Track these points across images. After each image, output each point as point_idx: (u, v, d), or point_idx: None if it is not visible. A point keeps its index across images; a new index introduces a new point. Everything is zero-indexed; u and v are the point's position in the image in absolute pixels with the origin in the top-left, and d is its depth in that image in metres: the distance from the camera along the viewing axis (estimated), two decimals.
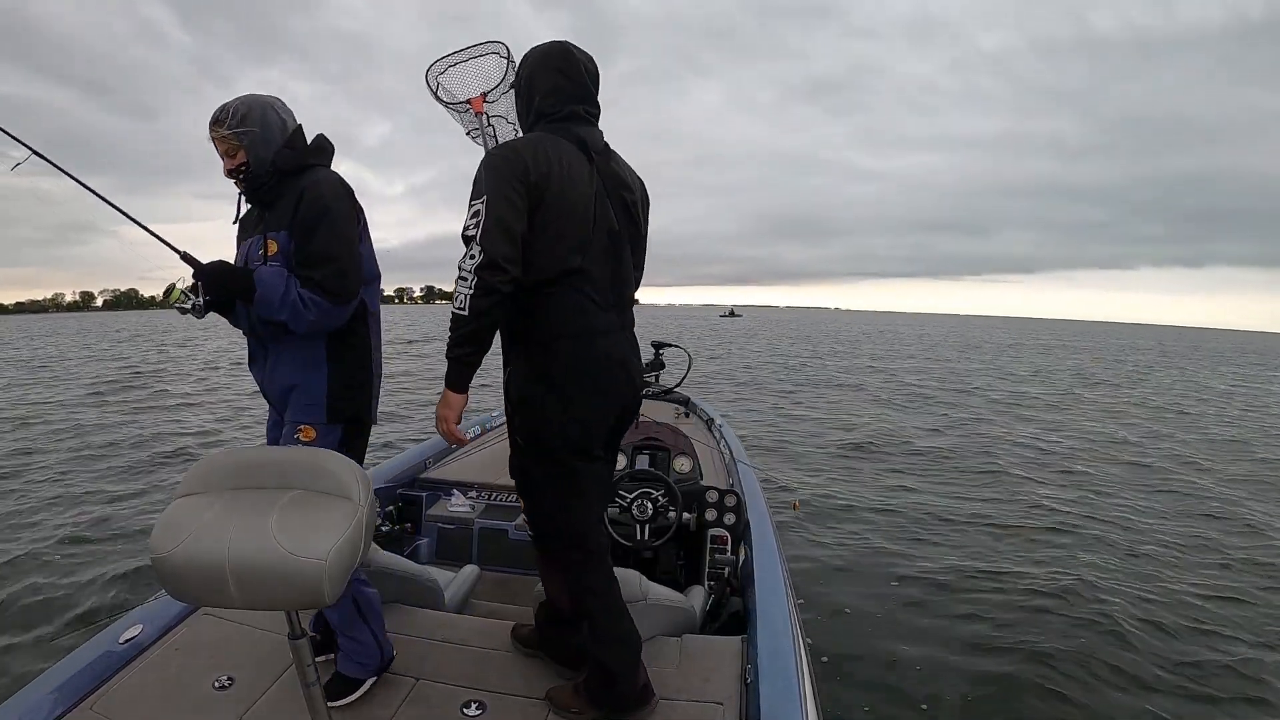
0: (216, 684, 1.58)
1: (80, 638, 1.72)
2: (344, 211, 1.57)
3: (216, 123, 1.54)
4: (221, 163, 1.57)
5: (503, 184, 1.38)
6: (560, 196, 1.43)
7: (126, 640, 1.68)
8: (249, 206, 1.67)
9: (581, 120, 1.55)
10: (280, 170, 1.56)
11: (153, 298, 1.60)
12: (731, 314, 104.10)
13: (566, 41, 1.57)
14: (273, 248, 1.56)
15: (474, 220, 1.37)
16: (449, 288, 1.77)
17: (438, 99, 2.20)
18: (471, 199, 1.40)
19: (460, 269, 1.38)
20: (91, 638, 1.71)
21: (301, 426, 1.57)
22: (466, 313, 1.37)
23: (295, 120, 1.62)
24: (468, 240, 1.38)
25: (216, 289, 1.51)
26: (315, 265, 1.51)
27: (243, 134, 1.53)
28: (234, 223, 1.70)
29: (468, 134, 2.23)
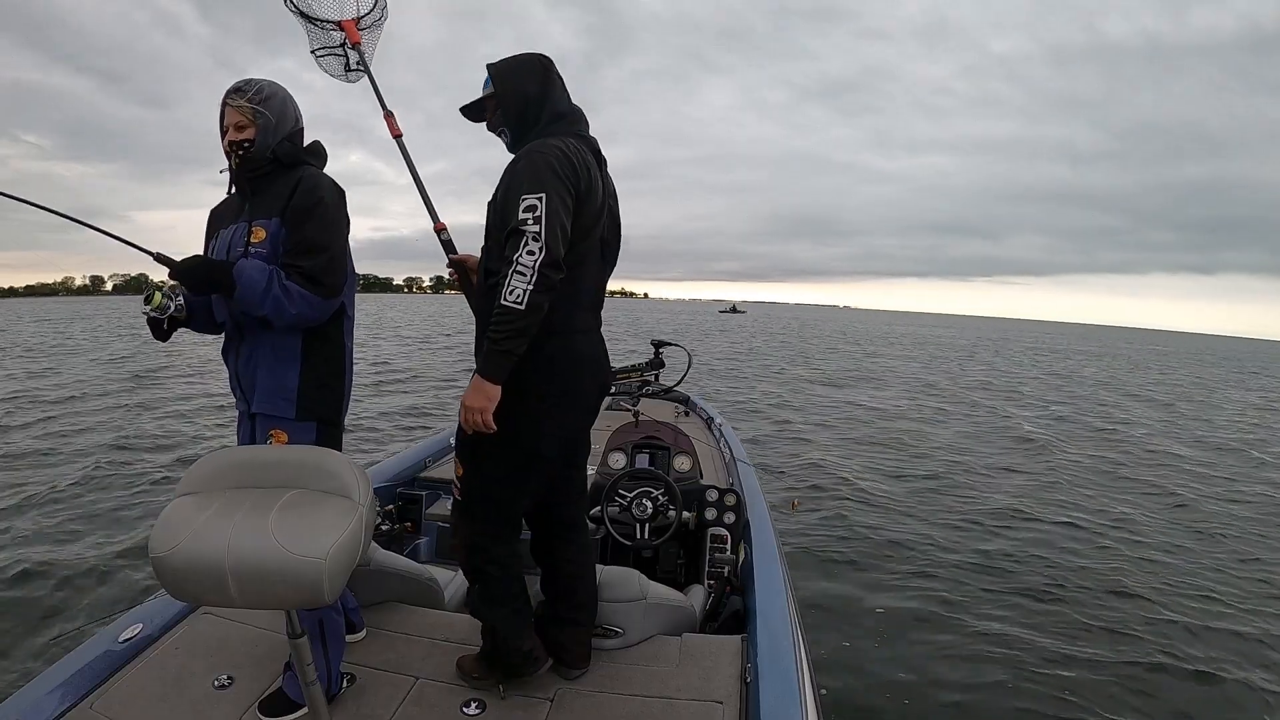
0: (216, 683, 1.58)
1: (80, 637, 1.71)
2: (340, 208, 1.58)
3: (238, 91, 1.53)
4: (222, 135, 1.55)
5: (560, 185, 1.41)
6: (586, 204, 1.48)
7: (126, 640, 1.67)
8: (232, 193, 1.63)
9: (586, 128, 1.59)
10: (277, 160, 1.56)
11: (162, 284, 1.58)
12: (734, 310, 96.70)
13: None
14: (259, 234, 1.52)
15: (531, 215, 1.36)
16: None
17: (293, 6, 1.99)
18: (524, 192, 1.38)
19: (518, 263, 1.35)
20: (91, 637, 1.71)
21: (273, 431, 1.54)
22: (524, 307, 1.36)
23: (303, 124, 1.63)
24: (525, 234, 1.36)
25: (196, 285, 1.48)
26: (305, 253, 1.48)
27: (259, 112, 1.52)
28: (228, 193, 1.63)
29: (313, 51, 2.04)
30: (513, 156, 1.54)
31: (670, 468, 2.73)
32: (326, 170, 1.66)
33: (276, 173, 1.56)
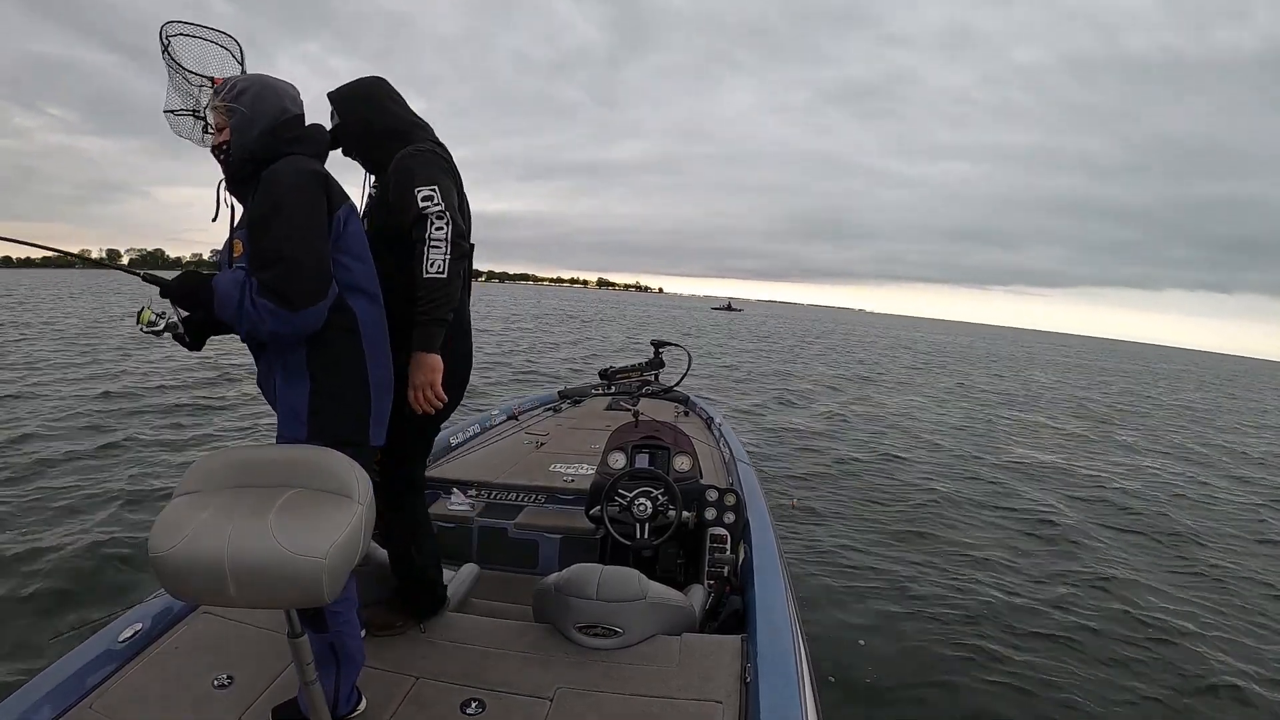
0: (216, 683, 1.58)
1: (79, 637, 1.71)
2: (301, 203, 1.38)
3: (215, 92, 1.44)
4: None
5: (448, 179, 1.64)
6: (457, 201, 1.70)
7: (126, 639, 1.67)
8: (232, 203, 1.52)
9: (433, 134, 1.79)
10: (256, 158, 1.42)
11: (179, 259, 1.50)
12: (728, 308, 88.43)
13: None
14: (238, 248, 1.43)
15: (431, 200, 1.56)
16: (485, 267, 1.94)
17: (169, 56, 1.88)
18: (416, 185, 1.58)
19: (432, 239, 1.55)
20: (91, 637, 1.70)
21: None
22: (446, 275, 1.55)
23: (299, 110, 1.50)
24: (430, 216, 1.56)
25: (182, 302, 1.41)
26: (265, 265, 1.35)
27: (232, 110, 1.41)
28: (213, 220, 1.51)
29: (172, 111, 1.85)
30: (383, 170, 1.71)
31: (670, 468, 2.73)
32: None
33: (259, 171, 1.41)
